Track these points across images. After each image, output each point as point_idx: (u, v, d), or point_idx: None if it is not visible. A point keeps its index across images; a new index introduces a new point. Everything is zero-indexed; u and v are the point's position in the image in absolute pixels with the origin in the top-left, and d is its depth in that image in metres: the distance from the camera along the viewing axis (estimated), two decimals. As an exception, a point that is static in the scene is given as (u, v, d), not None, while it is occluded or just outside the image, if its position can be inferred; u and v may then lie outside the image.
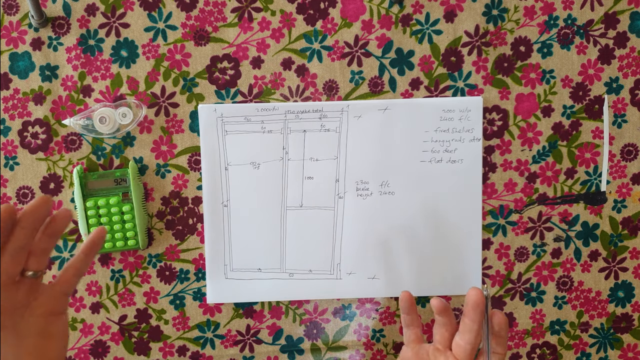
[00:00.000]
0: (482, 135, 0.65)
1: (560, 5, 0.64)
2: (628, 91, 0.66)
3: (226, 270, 0.66)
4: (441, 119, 0.65)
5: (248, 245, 0.66)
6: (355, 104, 0.64)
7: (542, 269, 0.68)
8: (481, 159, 0.65)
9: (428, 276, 0.66)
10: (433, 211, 0.66)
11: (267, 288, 0.66)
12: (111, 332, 0.67)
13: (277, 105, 0.64)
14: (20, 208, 0.65)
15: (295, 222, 0.66)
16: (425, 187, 0.65)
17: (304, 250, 0.66)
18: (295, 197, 0.65)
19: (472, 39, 0.65)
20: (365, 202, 0.66)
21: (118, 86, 0.65)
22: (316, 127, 0.65)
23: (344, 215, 0.66)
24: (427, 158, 0.65)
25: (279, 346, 0.68)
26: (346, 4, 0.64)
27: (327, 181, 0.65)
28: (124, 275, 0.67)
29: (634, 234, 0.67)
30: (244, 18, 0.64)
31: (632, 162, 0.67)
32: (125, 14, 0.64)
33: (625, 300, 0.68)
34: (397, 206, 0.66)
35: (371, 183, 0.65)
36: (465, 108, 0.65)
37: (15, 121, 0.65)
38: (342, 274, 0.66)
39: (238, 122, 0.64)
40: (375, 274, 0.66)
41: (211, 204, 0.65)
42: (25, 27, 0.64)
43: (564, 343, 0.69)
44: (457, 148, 0.65)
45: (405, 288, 0.65)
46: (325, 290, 0.67)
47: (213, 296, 0.67)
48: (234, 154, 0.65)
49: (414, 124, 0.65)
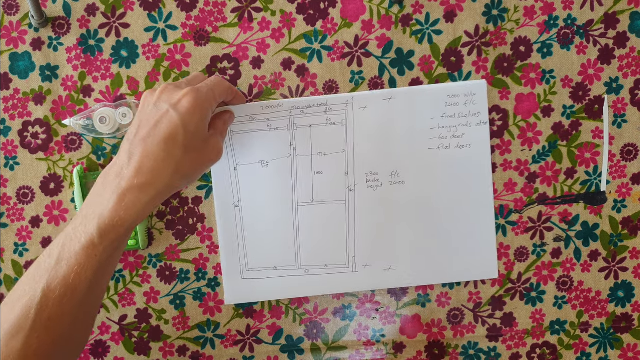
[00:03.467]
0: (488, 118, 0.65)
1: (560, 5, 0.64)
2: (628, 91, 0.66)
3: (242, 271, 0.66)
4: (446, 104, 0.64)
5: (262, 244, 0.66)
6: (360, 95, 0.64)
7: (542, 269, 0.68)
8: (489, 142, 0.65)
9: (444, 263, 0.66)
10: (444, 197, 0.66)
11: (284, 285, 0.66)
12: (111, 332, 0.68)
13: (281, 102, 0.64)
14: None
15: (307, 218, 0.66)
16: (435, 174, 0.65)
17: (318, 246, 0.66)
18: (306, 192, 0.65)
19: (472, 39, 0.65)
20: (376, 193, 0.65)
21: (118, 86, 0.65)
22: (322, 122, 0.65)
23: (356, 208, 0.66)
24: (435, 145, 0.65)
25: (279, 346, 0.68)
26: (346, 4, 0.64)
27: (336, 175, 0.65)
28: (124, 275, 0.67)
29: (634, 234, 0.67)
30: (244, 18, 0.64)
31: (632, 162, 0.67)
32: (125, 14, 0.64)
33: (625, 300, 0.68)
34: (408, 195, 0.65)
35: (381, 174, 0.65)
36: (469, 92, 0.64)
37: (15, 121, 0.65)
38: (357, 266, 0.66)
39: (244, 122, 0.64)
40: (390, 265, 0.66)
41: (223, 205, 0.65)
42: (26, 27, 0.64)
43: (564, 343, 0.69)
44: (465, 133, 0.65)
45: (422, 276, 0.66)
46: (342, 284, 0.66)
47: (231, 297, 0.66)
48: (242, 153, 0.65)
49: (419, 111, 0.64)
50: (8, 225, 0.66)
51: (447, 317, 0.68)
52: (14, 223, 0.66)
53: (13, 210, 0.65)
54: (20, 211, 0.65)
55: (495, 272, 0.67)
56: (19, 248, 0.66)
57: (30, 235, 0.66)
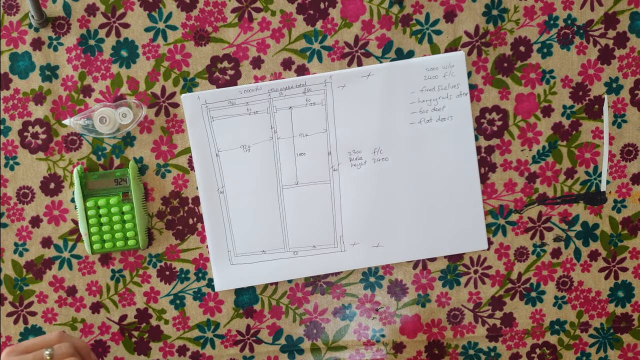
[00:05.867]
0: (468, 89, 0.65)
1: (560, 5, 0.64)
2: (628, 91, 0.66)
3: (230, 256, 0.66)
4: (425, 77, 0.64)
5: (249, 228, 0.66)
6: (338, 73, 0.64)
7: (542, 269, 0.68)
8: (470, 113, 0.65)
9: (432, 236, 0.66)
10: (429, 171, 0.66)
11: (273, 269, 0.66)
12: (111, 332, 0.68)
13: (260, 85, 0.64)
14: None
15: (293, 200, 0.66)
16: (418, 148, 0.65)
17: (305, 227, 0.66)
18: (290, 175, 0.65)
19: (472, 39, 0.65)
20: (360, 172, 0.65)
21: (118, 86, 0.65)
22: (302, 103, 0.64)
23: (341, 187, 0.66)
24: (416, 119, 0.65)
25: (279, 346, 0.68)
26: (346, 4, 0.64)
27: (319, 155, 0.65)
28: (124, 275, 0.67)
29: (634, 234, 0.67)
30: (244, 18, 0.64)
31: (632, 162, 0.67)
32: (125, 14, 0.64)
33: (625, 300, 0.68)
34: (392, 171, 0.65)
35: (364, 152, 0.65)
36: (448, 64, 0.64)
37: (15, 121, 0.65)
38: (346, 245, 0.66)
39: (223, 107, 0.64)
40: (379, 242, 0.66)
41: (207, 192, 0.65)
42: (26, 27, 0.64)
43: (564, 343, 0.69)
44: (445, 105, 0.65)
45: (411, 251, 0.66)
46: (331, 264, 0.67)
47: (221, 284, 0.67)
48: (223, 139, 0.65)
49: (398, 86, 0.64)
50: (8, 225, 0.66)
51: (447, 317, 0.68)
52: (14, 223, 0.66)
53: (13, 210, 0.65)
54: (20, 211, 0.65)
55: (484, 243, 0.67)
56: (19, 248, 0.66)
57: (30, 235, 0.66)
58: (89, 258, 0.66)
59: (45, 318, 0.67)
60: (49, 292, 0.66)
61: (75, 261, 0.66)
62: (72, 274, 0.66)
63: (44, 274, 0.66)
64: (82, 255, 0.66)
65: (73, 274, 0.66)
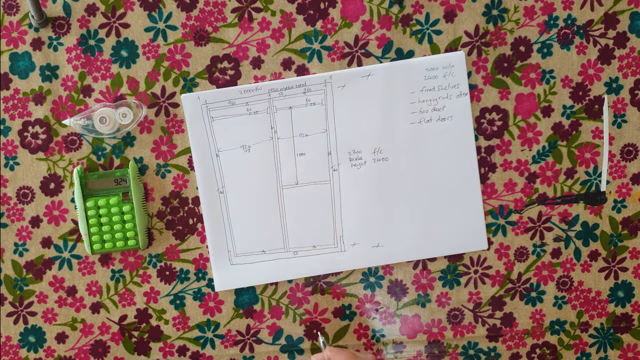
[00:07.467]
0: (468, 89, 0.65)
1: (560, 5, 0.64)
2: (628, 91, 0.66)
3: (230, 257, 0.66)
4: (425, 78, 0.64)
5: (249, 228, 0.66)
6: (338, 73, 0.64)
7: (542, 269, 0.68)
8: (470, 113, 0.65)
9: (432, 236, 0.66)
10: (429, 171, 0.66)
11: (273, 269, 0.66)
12: (111, 332, 0.68)
13: (260, 85, 0.64)
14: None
15: (293, 200, 0.66)
16: (418, 148, 0.65)
17: (305, 227, 0.66)
18: (290, 175, 0.65)
19: (472, 39, 0.65)
20: (360, 172, 0.65)
21: (118, 86, 0.65)
22: (302, 102, 0.64)
23: (341, 187, 0.66)
24: (416, 119, 0.65)
25: (279, 346, 0.68)
26: (346, 4, 0.64)
27: (319, 155, 0.65)
28: (124, 275, 0.67)
29: (634, 234, 0.67)
30: (244, 18, 0.64)
31: (632, 162, 0.67)
32: (125, 14, 0.64)
33: (625, 300, 0.68)
34: (392, 171, 0.65)
35: (364, 152, 0.65)
36: (448, 64, 0.64)
37: (15, 121, 0.65)
38: (345, 245, 0.66)
39: (223, 107, 0.64)
40: (379, 242, 0.66)
41: (207, 192, 0.65)
42: (26, 27, 0.64)
43: (564, 343, 0.69)
44: (445, 105, 0.65)
45: (411, 251, 0.66)
46: (331, 264, 0.67)
47: (221, 284, 0.66)
48: (223, 139, 0.65)
49: (398, 86, 0.64)
50: (8, 225, 0.66)
51: (447, 317, 0.68)
52: (14, 223, 0.66)
53: (13, 210, 0.65)
54: (20, 211, 0.65)
55: (484, 243, 0.67)
56: (19, 248, 0.66)
57: (30, 235, 0.66)
58: (89, 258, 0.66)
59: (45, 318, 0.67)
60: (49, 292, 0.66)
61: (75, 261, 0.66)
62: (72, 274, 0.66)
63: (44, 274, 0.66)
64: (82, 255, 0.66)
65: (73, 274, 0.66)
